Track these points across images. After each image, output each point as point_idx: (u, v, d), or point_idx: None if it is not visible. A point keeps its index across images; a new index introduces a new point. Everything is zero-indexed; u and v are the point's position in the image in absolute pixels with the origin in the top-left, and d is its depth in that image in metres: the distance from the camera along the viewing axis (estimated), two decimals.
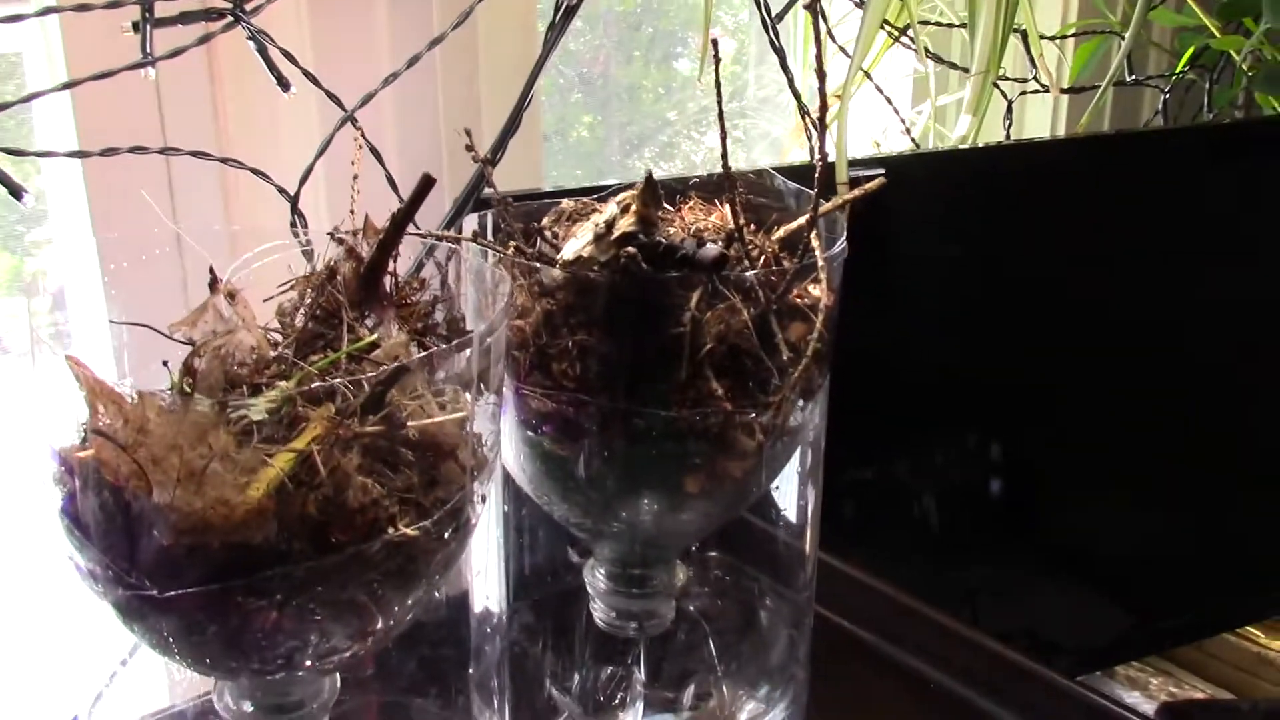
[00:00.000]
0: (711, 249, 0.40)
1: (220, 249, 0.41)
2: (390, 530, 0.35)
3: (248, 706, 0.40)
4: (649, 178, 0.40)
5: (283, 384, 0.35)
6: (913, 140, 0.92)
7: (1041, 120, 1.02)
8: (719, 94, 0.41)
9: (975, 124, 0.82)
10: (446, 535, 0.37)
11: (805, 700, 0.52)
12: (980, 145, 0.83)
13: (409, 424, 0.35)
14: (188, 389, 0.33)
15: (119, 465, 0.33)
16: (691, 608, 0.57)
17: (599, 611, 0.50)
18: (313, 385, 0.35)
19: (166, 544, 0.33)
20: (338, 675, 0.42)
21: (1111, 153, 0.88)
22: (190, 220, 0.43)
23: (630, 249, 0.39)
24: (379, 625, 0.37)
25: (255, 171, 0.54)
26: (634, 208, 0.40)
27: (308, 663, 0.37)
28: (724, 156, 0.41)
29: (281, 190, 0.55)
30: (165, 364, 0.37)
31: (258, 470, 0.33)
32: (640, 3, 1.08)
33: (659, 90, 1.11)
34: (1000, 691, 0.59)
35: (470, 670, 0.48)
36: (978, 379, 0.85)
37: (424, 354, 0.36)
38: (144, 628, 0.35)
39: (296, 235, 0.45)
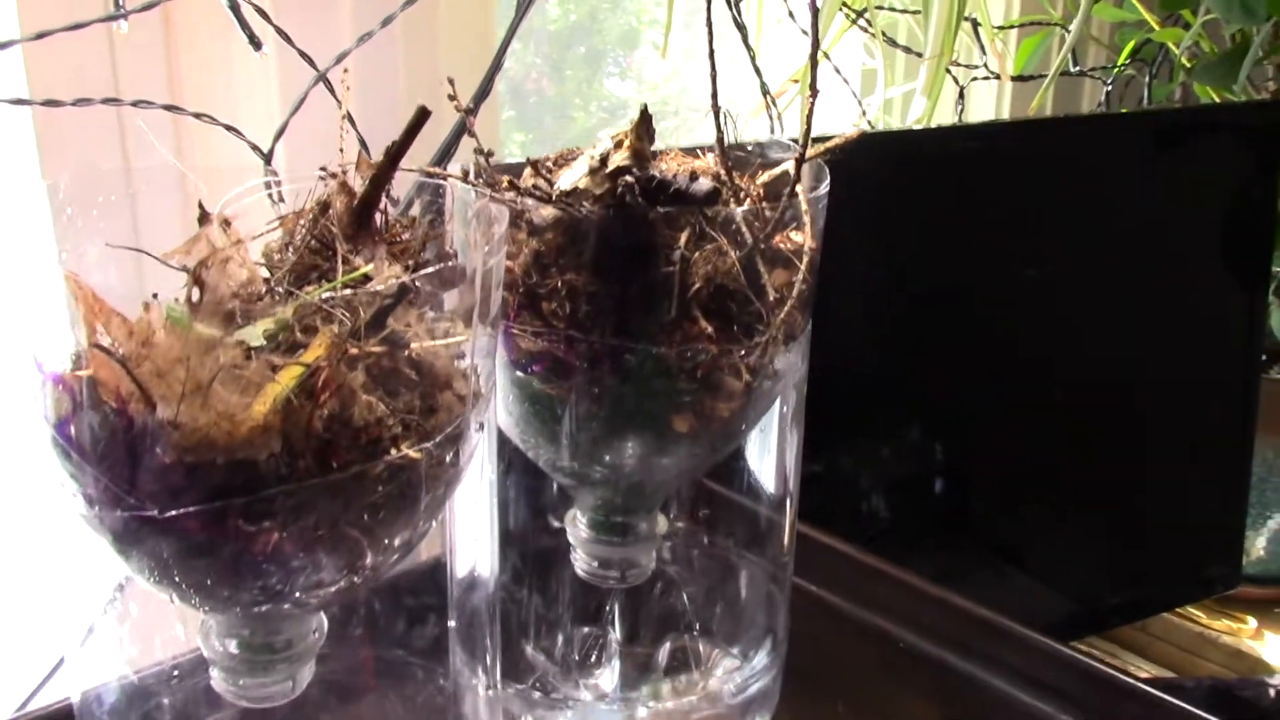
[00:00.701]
0: (704, 183, 0.40)
1: (192, 191, 0.41)
2: (393, 451, 0.34)
3: (234, 646, 0.40)
4: (644, 113, 0.40)
5: (280, 310, 0.35)
6: (869, 123, 0.93)
7: (987, 109, 1.04)
8: (710, 35, 0.42)
9: (930, 107, 0.84)
10: (446, 460, 0.36)
11: (782, 658, 0.53)
12: (938, 125, 0.84)
13: (411, 345, 0.35)
14: (195, 300, 0.33)
15: (118, 383, 0.32)
16: (668, 568, 0.57)
17: (580, 562, 0.50)
18: (312, 311, 0.34)
19: (168, 462, 0.32)
20: (325, 619, 0.42)
21: (1069, 135, 0.89)
22: (144, 182, 0.42)
23: (628, 178, 0.39)
24: (377, 554, 0.37)
25: (228, 128, 0.54)
26: (628, 142, 0.40)
27: (305, 593, 0.37)
28: (714, 96, 0.42)
29: (254, 147, 0.55)
30: (155, 296, 0.37)
31: (263, 386, 0.32)
32: (572, 21, 1.09)
33: (590, 109, 1.12)
34: (968, 647, 0.60)
35: (452, 624, 0.48)
36: (912, 369, 0.87)
37: (429, 269, 0.36)
38: (141, 553, 0.35)
39: (271, 196, 0.45)
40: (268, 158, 0.55)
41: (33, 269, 0.34)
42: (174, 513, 0.33)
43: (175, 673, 0.47)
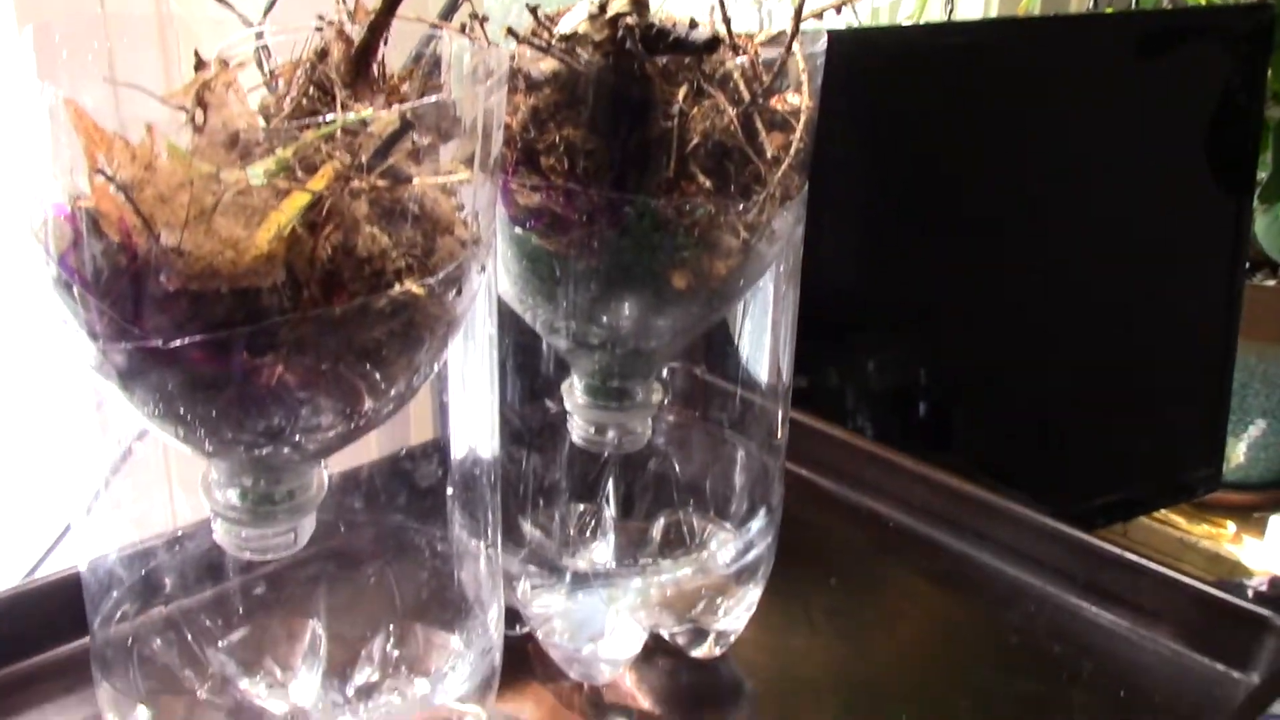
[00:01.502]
0: (704, 31, 0.40)
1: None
2: (397, 286, 0.35)
3: (235, 497, 0.40)
4: None
5: (281, 150, 0.35)
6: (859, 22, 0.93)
7: (976, 7, 1.04)
8: None
9: (921, 4, 0.83)
10: (448, 300, 0.37)
11: (776, 527, 0.53)
12: (926, 23, 0.84)
13: (412, 181, 0.35)
14: (200, 123, 0.33)
15: (121, 214, 0.32)
16: (663, 446, 0.57)
17: (577, 429, 0.50)
18: (312, 151, 0.34)
19: (172, 290, 0.32)
20: (326, 473, 0.42)
21: (1056, 35, 0.89)
22: (126, 59, 0.42)
23: (628, 21, 0.39)
24: (375, 398, 0.37)
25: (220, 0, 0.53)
26: None
27: (305, 436, 0.37)
28: None
29: (244, 20, 0.54)
30: (149, 128, 0.37)
31: (267, 215, 0.32)
32: None
33: None
34: (958, 525, 0.60)
35: (450, 492, 0.48)
36: (894, 271, 0.87)
37: (429, 99, 0.36)
38: (146, 389, 0.35)
39: (264, 70, 0.44)
40: (259, 32, 0.54)
41: (26, 103, 0.34)
42: (178, 343, 0.33)
43: (180, 540, 0.47)
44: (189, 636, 0.46)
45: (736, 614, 0.52)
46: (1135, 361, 1.01)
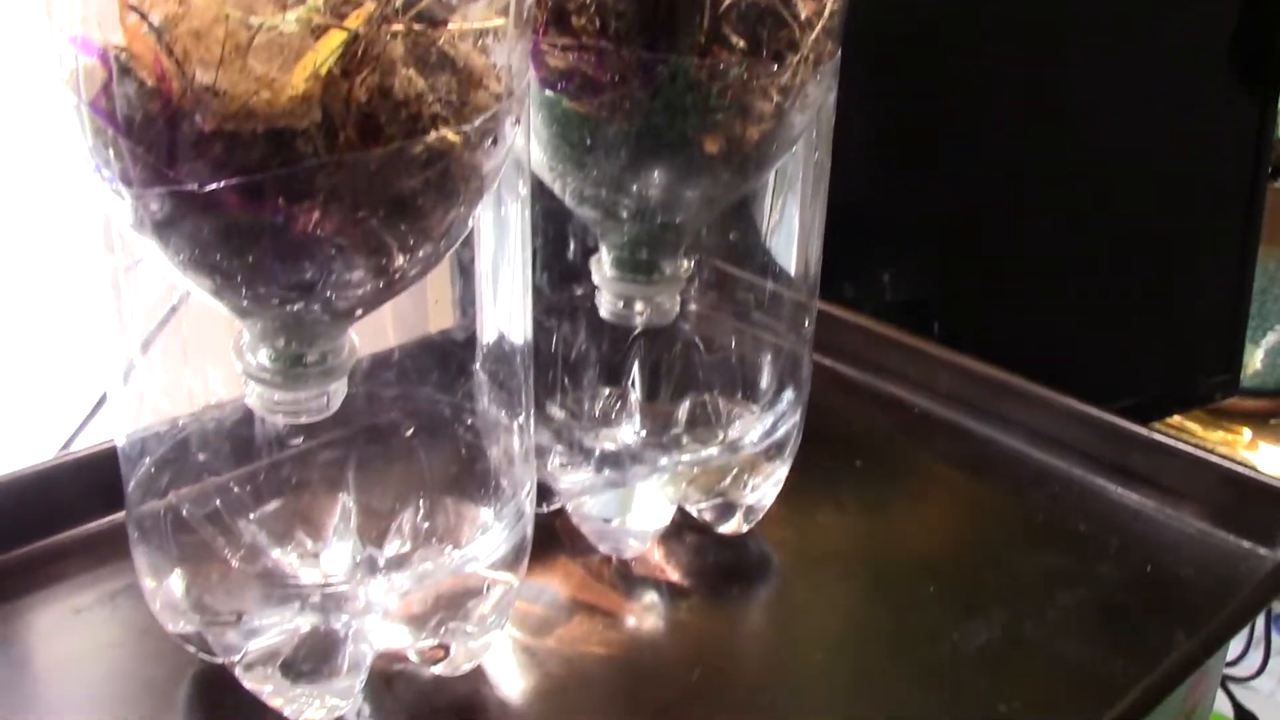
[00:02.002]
0: None
1: None
2: (433, 132, 0.34)
3: (267, 359, 0.40)
4: None
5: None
6: None
7: None
8: None
9: None
10: (482, 151, 0.36)
11: (803, 406, 0.53)
12: None
13: (447, 25, 0.34)
14: None
15: (155, 52, 0.32)
16: (689, 332, 0.57)
17: (605, 304, 0.50)
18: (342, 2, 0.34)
19: (208, 131, 0.32)
20: (356, 339, 0.42)
21: None
22: None
23: None
24: (406, 254, 0.37)
25: None
26: None
27: (337, 292, 0.37)
28: None
29: None
30: None
31: (303, 54, 0.32)
32: None
33: None
34: (982, 409, 0.60)
35: (481, 367, 0.48)
36: (912, 166, 0.86)
37: None
38: (182, 237, 0.34)
39: None
40: None
41: None
42: (214, 187, 0.33)
43: (214, 414, 0.47)
44: (221, 508, 0.46)
45: (764, 490, 0.52)
46: (1153, 267, 1.00)
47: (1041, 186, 0.92)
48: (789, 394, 0.52)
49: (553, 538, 0.51)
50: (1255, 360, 1.13)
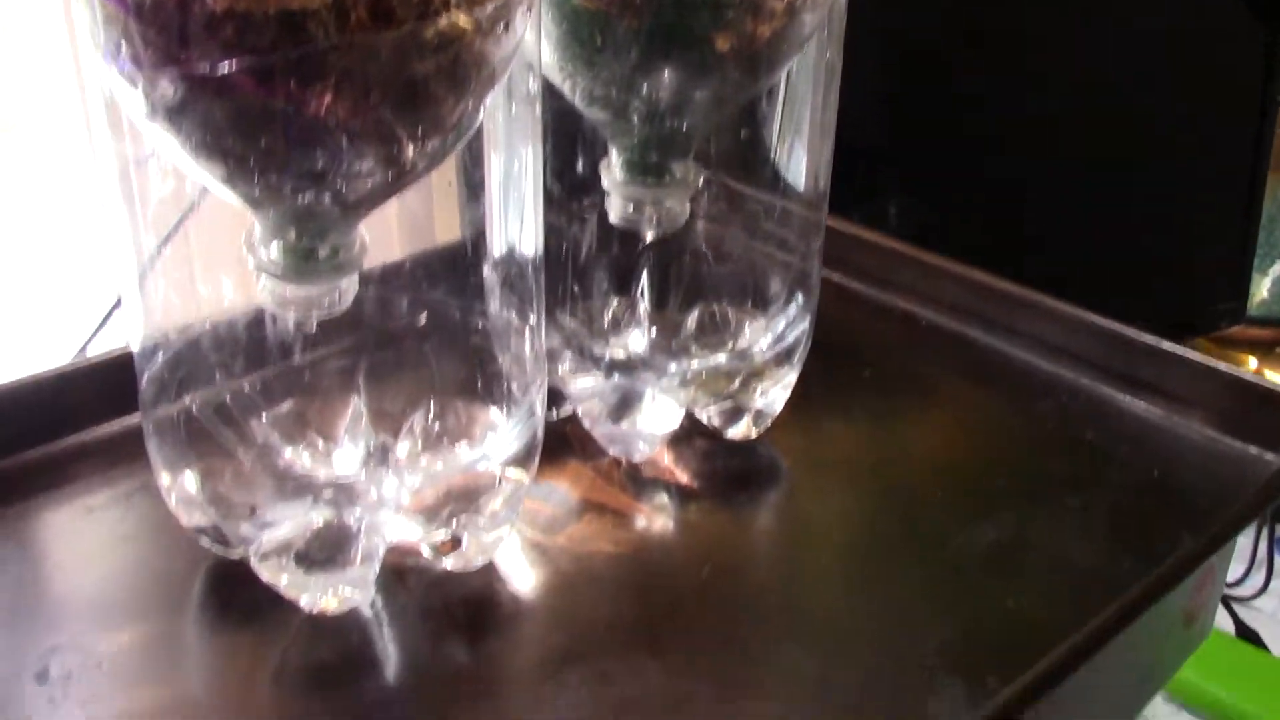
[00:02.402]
0: None
1: None
2: (444, 17, 0.34)
3: (278, 252, 0.40)
4: None
5: None
6: None
7: None
8: None
9: None
10: (494, 38, 0.36)
11: (813, 313, 0.53)
12: None
13: None
14: None
15: None
16: (699, 242, 0.57)
17: (614, 209, 0.50)
18: None
19: (219, 12, 0.32)
20: (365, 234, 0.42)
21: None
22: None
23: None
24: (416, 145, 0.37)
25: None
26: None
27: (347, 182, 0.37)
28: None
29: None
30: None
31: None
32: None
33: None
34: (990, 320, 0.61)
35: (492, 270, 0.48)
36: (922, 104, 0.85)
37: None
38: (194, 123, 0.34)
39: None
40: None
41: None
42: (225, 69, 0.33)
43: (227, 317, 0.47)
44: (234, 409, 0.46)
45: (773, 394, 0.52)
46: (1160, 193, 1.00)
47: (1048, 114, 0.92)
48: (798, 300, 0.53)
49: (563, 442, 0.52)
50: (1262, 289, 1.13)
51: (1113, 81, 0.92)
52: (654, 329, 0.55)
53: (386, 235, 0.54)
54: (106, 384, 0.50)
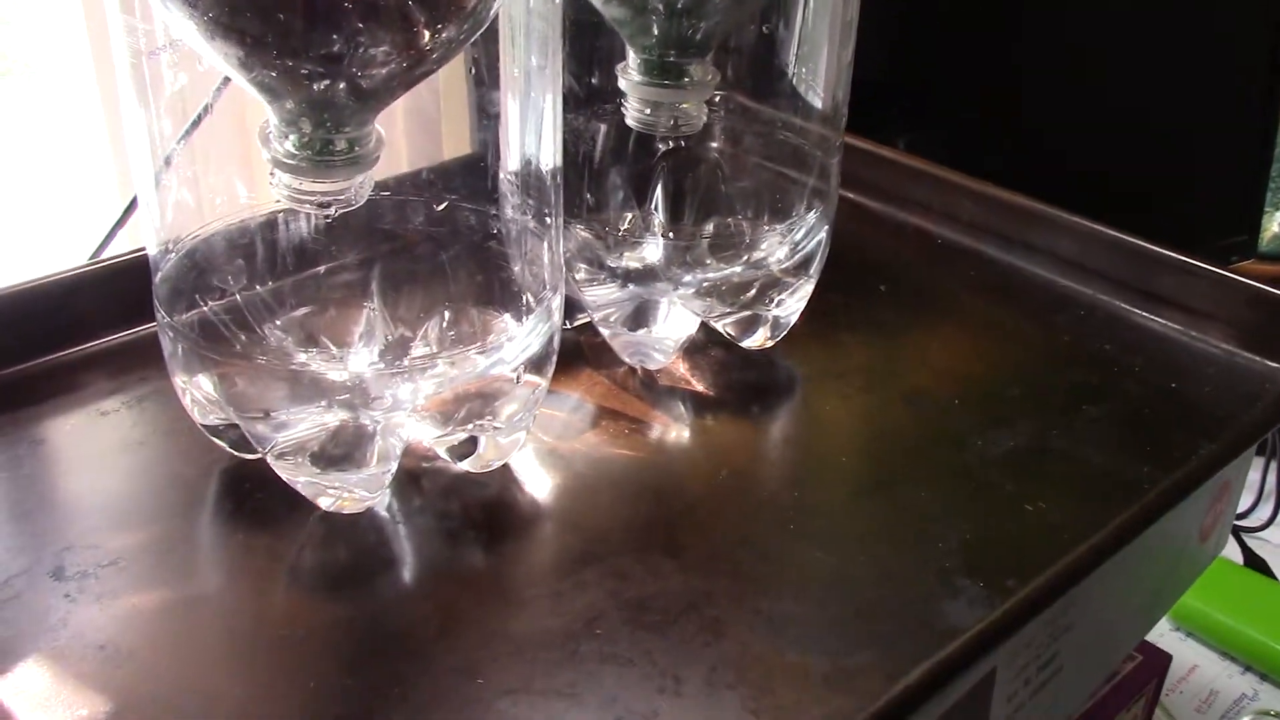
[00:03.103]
0: None
1: None
2: None
3: (293, 145, 0.39)
4: None
5: None
6: None
7: None
8: None
9: None
10: None
11: (830, 223, 0.53)
12: None
13: None
14: None
15: None
16: (713, 154, 0.57)
17: (631, 111, 0.49)
18: None
19: None
20: (381, 131, 0.41)
21: None
22: None
23: None
24: (427, 32, 0.36)
25: None
26: None
27: (361, 69, 0.36)
28: None
29: None
30: None
31: None
32: None
33: None
34: (1007, 237, 0.60)
35: (508, 176, 0.48)
36: (943, 45, 0.84)
37: None
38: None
39: None
40: None
41: None
42: None
43: (241, 222, 0.47)
44: (247, 313, 0.46)
45: (789, 304, 0.52)
46: (1171, 126, 0.99)
47: (1058, 49, 0.91)
48: (816, 209, 0.52)
49: (577, 352, 0.51)
50: (1273, 224, 1.12)
51: (1127, 13, 0.91)
52: (669, 240, 0.54)
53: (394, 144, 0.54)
54: (119, 288, 0.50)
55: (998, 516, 0.43)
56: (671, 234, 0.54)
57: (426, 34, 0.37)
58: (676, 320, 0.50)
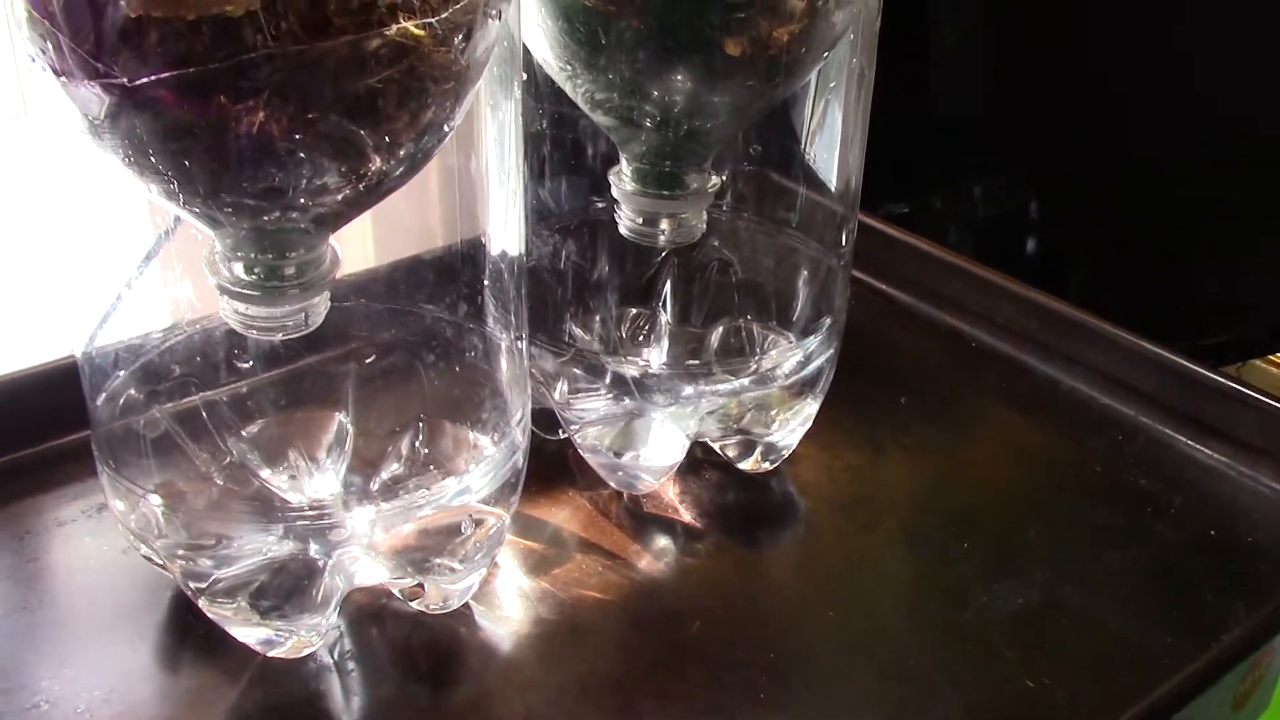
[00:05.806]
0: None
1: None
2: (392, 24, 0.30)
3: (240, 270, 0.37)
4: None
5: None
6: None
7: None
8: None
9: None
10: (455, 47, 0.32)
11: (838, 340, 0.49)
12: None
13: None
14: None
15: None
16: (722, 251, 0.53)
17: (624, 221, 0.46)
18: None
19: (134, 18, 0.29)
20: (338, 247, 0.38)
21: None
22: None
23: None
24: (382, 156, 0.34)
25: None
26: None
27: (309, 199, 0.34)
28: None
29: None
30: None
31: None
32: None
33: None
34: (1047, 347, 0.56)
35: (486, 285, 0.45)
36: (1014, 93, 0.80)
37: None
38: (118, 135, 0.31)
39: None
40: None
41: None
42: (144, 79, 0.29)
43: (202, 328, 0.45)
44: (209, 424, 0.44)
45: (791, 428, 0.48)
46: (1255, 196, 0.93)
47: (1142, 109, 0.85)
48: (824, 323, 0.48)
49: (562, 468, 0.48)
50: None
51: (1201, 79, 0.86)
52: (671, 346, 0.51)
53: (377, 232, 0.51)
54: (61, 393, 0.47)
55: (993, 690, 0.39)
56: (675, 339, 0.51)
57: (375, 161, 0.34)
58: (667, 442, 0.47)
